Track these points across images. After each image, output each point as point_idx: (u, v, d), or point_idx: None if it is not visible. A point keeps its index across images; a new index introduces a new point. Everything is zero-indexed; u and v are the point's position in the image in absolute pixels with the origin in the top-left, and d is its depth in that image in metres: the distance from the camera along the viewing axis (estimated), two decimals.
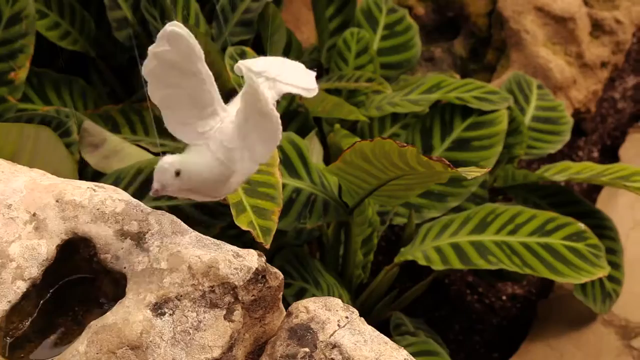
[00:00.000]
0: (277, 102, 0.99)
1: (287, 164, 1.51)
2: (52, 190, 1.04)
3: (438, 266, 1.56)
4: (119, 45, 1.93)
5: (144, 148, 1.66)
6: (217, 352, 0.97)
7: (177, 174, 0.96)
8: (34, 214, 1.02)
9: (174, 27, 0.92)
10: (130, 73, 1.99)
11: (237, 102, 0.99)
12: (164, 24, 1.75)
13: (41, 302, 1.00)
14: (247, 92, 0.95)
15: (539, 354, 1.78)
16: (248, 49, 1.71)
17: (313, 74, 1.02)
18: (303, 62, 1.94)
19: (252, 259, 1.02)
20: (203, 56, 0.94)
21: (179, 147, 1.71)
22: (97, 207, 1.03)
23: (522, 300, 1.99)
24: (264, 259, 1.03)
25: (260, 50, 1.80)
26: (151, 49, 0.95)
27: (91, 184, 1.06)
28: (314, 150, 1.59)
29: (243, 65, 0.97)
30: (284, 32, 1.86)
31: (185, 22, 1.73)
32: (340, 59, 1.95)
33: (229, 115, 0.97)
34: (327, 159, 1.71)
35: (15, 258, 0.98)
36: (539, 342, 1.81)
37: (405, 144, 1.20)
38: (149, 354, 0.94)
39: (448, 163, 1.18)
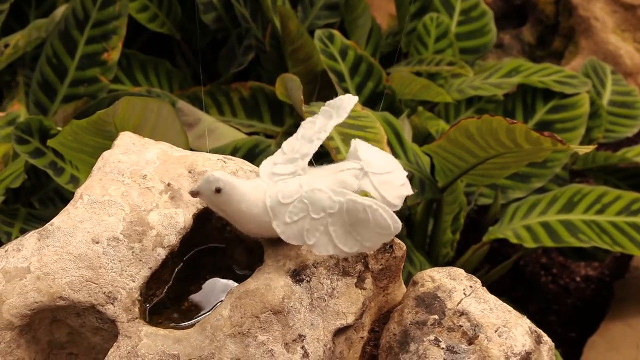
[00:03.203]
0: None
1: None
2: (183, 161, 1.06)
3: (530, 244, 1.59)
4: (202, 28, 1.97)
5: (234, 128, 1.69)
6: (351, 319, 1.00)
7: (218, 191, 0.95)
8: (169, 184, 1.04)
9: (352, 97, 0.97)
10: (212, 56, 2.03)
11: (321, 171, 0.96)
12: (248, 8, 1.79)
13: (176, 270, 1.03)
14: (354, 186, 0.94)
15: (619, 333, 1.80)
16: (336, 32, 1.74)
17: (408, 192, 0.95)
18: (382, 47, 1.98)
19: None
20: (339, 122, 0.97)
21: (267, 129, 1.75)
22: None
23: (596, 281, 2.02)
24: None
25: (345, 34, 1.83)
26: None
27: (221, 156, 1.09)
28: (405, 131, 1.62)
29: (355, 145, 0.96)
30: (369, 16, 1.89)
31: (273, 5, 1.77)
32: (420, 43, 1.98)
33: (304, 176, 0.94)
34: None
35: (155, 226, 1.01)
36: (618, 322, 1.83)
37: (515, 121, 1.22)
38: (290, 319, 0.96)
39: (560, 139, 1.20)
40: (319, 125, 0.96)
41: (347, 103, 0.96)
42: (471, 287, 1.05)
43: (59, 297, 0.97)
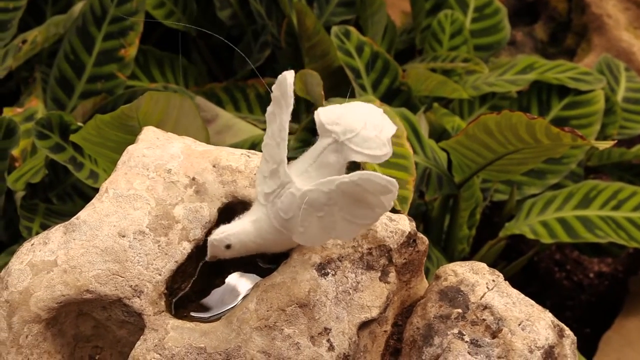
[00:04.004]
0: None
1: None
2: (207, 156, 1.07)
3: (546, 239, 1.60)
4: (217, 25, 1.97)
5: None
6: (375, 312, 1.00)
7: (228, 247, 0.96)
8: (193, 178, 1.05)
9: (289, 72, 0.91)
10: (226, 52, 2.04)
11: (302, 163, 0.93)
12: (264, 5, 1.79)
13: (200, 263, 1.03)
14: (335, 163, 0.91)
15: (634, 328, 1.81)
16: (352, 29, 1.75)
17: (390, 130, 0.91)
18: (396, 44, 1.98)
19: (404, 223, 1.05)
20: (290, 109, 0.91)
21: None
22: (254, 172, 1.06)
23: (609, 277, 2.02)
24: (414, 223, 1.06)
25: (361, 31, 1.84)
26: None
27: (244, 151, 1.09)
28: (421, 127, 1.63)
29: (318, 117, 0.92)
30: (384, 13, 1.90)
31: (289, 1, 1.77)
32: (435, 40, 1.99)
33: (290, 181, 0.91)
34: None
35: (180, 220, 1.02)
36: (633, 318, 1.84)
37: (534, 116, 1.23)
38: (316, 312, 0.97)
39: (580, 134, 1.21)
40: (278, 121, 0.93)
41: (286, 86, 0.91)
42: (493, 280, 1.05)
43: (85, 290, 0.98)
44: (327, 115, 0.91)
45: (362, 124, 0.90)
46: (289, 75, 0.90)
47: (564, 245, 2.05)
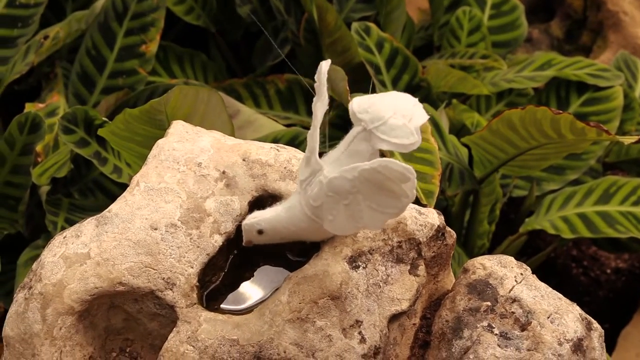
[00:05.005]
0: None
1: None
2: (237, 149, 1.07)
3: (567, 235, 1.61)
4: (235, 21, 1.98)
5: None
6: (405, 305, 1.01)
7: (260, 232, 0.97)
8: (224, 172, 1.05)
9: (325, 61, 0.92)
10: (245, 49, 2.04)
11: (335, 152, 0.93)
12: (282, 1, 1.80)
13: (230, 257, 1.04)
14: (362, 150, 0.91)
15: None
16: (372, 25, 1.76)
17: (420, 119, 0.91)
18: (414, 40, 1.99)
19: (433, 216, 1.06)
20: (324, 98, 0.92)
21: (303, 121, 1.76)
22: (284, 165, 1.06)
23: (626, 273, 2.03)
24: (442, 217, 1.07)
25: (380, 27, 1.84)
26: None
27: (273, 145, 1.10)
28: (442, 122, 1.63)
29: (351, 106, 0.92)
30: (403, 9, 1.91)
31: None
32: (453, 36, 1.99)
33: (321, 169, 0.92)
34: None
35: (211, 213, 1.02)
36: None
37: (560, 111, 1.24)
38: (347, 304, 0.98)
39: (605, 129, 1.21)
40: (313, 110, 0.93)
41: (321, 75, 0.91)
42: (521, 274, 1.06)
43: (118, 282, 0.98)
44: (360, 103, 0.91)
45: (390, 112, 0.90)
46: (324, 65, 0.91)
47: (581, 241, 2.05)
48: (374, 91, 1.63)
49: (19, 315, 1.00)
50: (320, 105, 0.92)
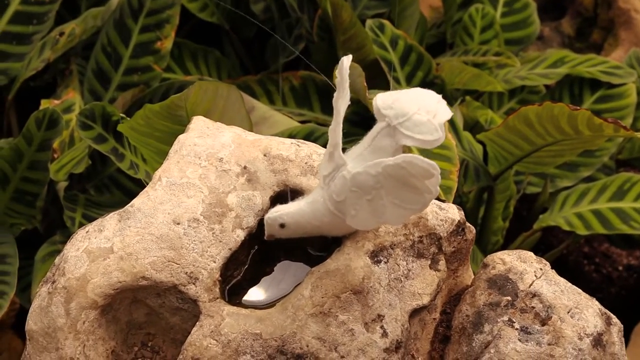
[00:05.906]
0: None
1: None
2: (257, 145, 1.08)
3: (582, 231, 1.62)
4: (248, 18, 1.99)
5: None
6: (426, 300, 1.02)
7: (282, 226, 0.97)
8: (245, 167, 1.05)
9: (347, 57, 0.92)
10: (259, 46, 2.05)
11: (359, 147, 0.94)
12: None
13: (252, 251, 1.04)
14: (387, 146, 0.92)
15: None
16: (386, 22, 1.76)
17: (445, 116, 0.92)
18: (426, 38, 1.99)
19: (454, 211, 1.06)
20: (345, 94, 0.92)
21: (317, 117, 1.77)
22: (305, 161, 1.06)
23: (638, 270, 2.03)
24: (462, 212, 1.07)
25: (393, 24, 1.85)
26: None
27: (294, 140, 1.10)
28: (457, 119, 1.64)
29: (375, 102, 0.92)
30: (417, 7, 1.91)
31: None
32: (466, 34, 2.00)
33: (344, 164, 0.92)
34: None
35: (233, 208, 1.03)
36: None
37: (577, 107, 1.24)
38: (369, 298, 0.98)
39: (623, 125, 1.22)
40: (335, 105, 0.93)
41: (342, 70, 0.91)
42: (541, 269, 1.07)
43: (141, 276, 0.99)
44: (384, 99, 0.92)
45: (415, 108, 0.90)
46: (345, 60, 0.91)
47: (593, 238, 2.06)
48: (388, 89, 1.64)
49: (43, 310, 1.01)
50: (342, 101, 0.93)
